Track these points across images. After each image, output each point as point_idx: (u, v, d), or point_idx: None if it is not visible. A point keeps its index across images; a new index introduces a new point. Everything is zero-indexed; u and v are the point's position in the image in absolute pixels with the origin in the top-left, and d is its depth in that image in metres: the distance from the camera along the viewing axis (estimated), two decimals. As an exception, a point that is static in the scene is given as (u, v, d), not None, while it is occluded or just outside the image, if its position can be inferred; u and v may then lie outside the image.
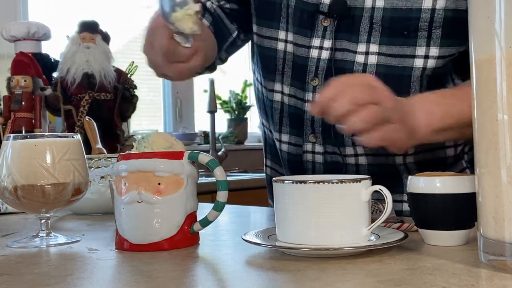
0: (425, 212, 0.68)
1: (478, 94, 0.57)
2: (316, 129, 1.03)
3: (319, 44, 1.01)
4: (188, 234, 0.71)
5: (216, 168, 0.70)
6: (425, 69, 0.97)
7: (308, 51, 1.02)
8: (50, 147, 0.77)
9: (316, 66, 1.01)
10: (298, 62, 1.03)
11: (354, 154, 1.02)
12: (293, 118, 1.07)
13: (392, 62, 0.97)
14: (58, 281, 0.56)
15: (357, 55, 0.98)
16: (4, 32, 1.81)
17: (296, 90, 1.05)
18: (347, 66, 0.99)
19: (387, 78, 0.94)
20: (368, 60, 0.98)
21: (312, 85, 1.02)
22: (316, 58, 1.01)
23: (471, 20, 0.57)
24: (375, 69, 0.97)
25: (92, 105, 1.67)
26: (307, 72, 1.02)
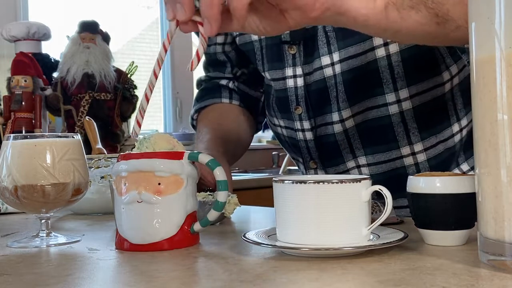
0: (425, 212, 0.68)
1: (478, 94, 0.57)
2: (312, 154, 1.07)
3: (292, 73, 1.03)
4: (188, 234, 0.71)
5: (216, 168, 0.70)
6: (390, 56, 0.96)
7: (285, 82, 1.04)
8: (50, 147, 0.77)
9: (295, 94, 1.04)
10: (280, 95, 1.06)
11: (356, 165, 1.03)
12: (292, 147, 1.11)
13: (354, 64, 0.97)
14: (58, 281, 0.56)
15: (324, 70, 0.99)
16: (4, 32, 1.81)
17: (287, 121, 1.08)
18: (320, 85, 1.00)
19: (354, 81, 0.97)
20: (335, 70, 0.98)
21: (297, 114, 1.05)
22: (293, 87, 1.03)
23: (471, 20, 0.57)
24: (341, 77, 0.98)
25: (92, 105, 1.67)
26: (289, 102, 1.05)
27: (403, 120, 0.99)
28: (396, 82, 0.97)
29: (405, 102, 0.98)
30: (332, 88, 1.00)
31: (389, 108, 0.99)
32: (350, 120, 1.01)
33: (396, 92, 0.98)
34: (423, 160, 1.03)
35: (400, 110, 0.99)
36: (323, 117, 1.03)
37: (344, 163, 1.04)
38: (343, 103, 1.00)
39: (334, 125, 1.02)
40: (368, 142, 1.02)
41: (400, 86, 0.98)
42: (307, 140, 1.06)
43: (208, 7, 0.64)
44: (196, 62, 0.69)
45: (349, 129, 1.01)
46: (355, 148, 1.03)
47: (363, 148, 1.02)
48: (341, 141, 1.03)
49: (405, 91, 0.98)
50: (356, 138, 1.02)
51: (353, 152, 1.03)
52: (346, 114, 1.00)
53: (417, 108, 0.99)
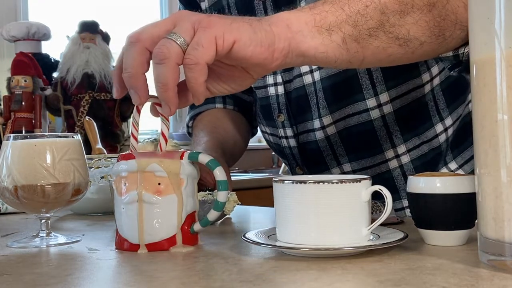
0: (425, 212, 0.68)
1: (478, 94, 0.57)
2: (298, 161, 1.08)
3: (273, 81, 1.04)
4: (188, 234, 0.71)
5: (216, 168, 0.70)
6: None
7: (266, 90, 1.06)
8: (50, 147, 0.77)
9: (277, 102, 1.05)
10: (263, 103, 1.08)
11: (342, 172, 1.04)
12: (279, 154, 1.13)
13: (333, 70, 0.97)
14: (58, 281, 0.56)
15: (304, 77, 1.00)
16: (4, 32, 1.81)
17: (272, 128, 1.10)
18: (300, 92, 1.01)
19: (334, 87, 0.98)
20: (314, 77, 0.99)
21: (279, 122, 1.06)
22: (274, 95, 1.05)
23: (471, 20, 0.57)
24: (321, 84, 0.98)
25: (92, 105, 1.67)
26: (272, 110, 1.06)
27: (385, 124, 0.99)
28: (375, 87, 0.97)
29: (386, 106, 0.98)
30: (312, 95, 1.00)
31: (370, 113, 0.98)
32: (332, 127, 1.01)
33: (376, 97, 0.98)
34: (407, 162, 1.02)
35: (382, 115, 0.98)
36: (305, 124, 1.03)
37: (329, 170, 1.04)
38: (323, 110, 1.00)
39: (316, 132, 1.02)
40: (351, 148, 1.02)
41: (380, 91, 0.97)
42: (291, 147, 1.07)
43: (163, 91, 0.63)
44: (164, 144, 0.71)
45: (331, 136, 1.02)
46: (339, 155, 1.03)
47: (347, 155, 1.02)
48: (323, 147, 1.03)
49: (385, 95, 0.98)
50: (339, 145, 1.02)
51: (337, 159, 1.03)
52: (327, 121, 1.00)
53: (398, 111, 0.98)
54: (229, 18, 0.65)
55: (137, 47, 0.63)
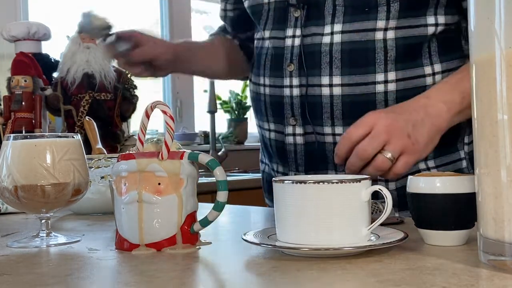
0: (425, 212, 0.68)
1: (478, 94, 0.57)
2: (295, 111, 1.10)
3: (292, 34, 1.10)
4: (188, 234, 0.71)
5: (216, 168, 0.70)
6: (386, 40, 1.03)
7: (284, 41, 1.11)
8: (50, 147, 0.77)
9: (291, 53, 1.10)
10: (277, 53, 1.13)
11: (332, 133, 1.07)
12: (274, 106, 1.15)
13: (355, 38, 1.04)
14: (58, 281, 0.56)
15: (323, 37, 1.05)
16: (4, 32, 1.81)
17: (275, 79, 1.13)
18: (316, 48, 1.06)
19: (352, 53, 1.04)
20: (334, 40, 1.05)
21: (288, 71, 1.10)
22: (290, 46, 1.10)
23: (471, 20, 0.57)
24: (340, 46, 1.04)
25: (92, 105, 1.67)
26: (284, 60, 1.11)
27: (386, 100, 1.04)
28: (387, 64, 1.04)
29: (391, 84, 1.04)
30: (325, 54, 1.05)
31: (376, 86, 1.04)
32: (338, 88, 1.05)
33: (385, 73, 1.04)
34: None
35: (385, 90, 1.04)
36: (313, 78, 1.08)
37: (322, 126, 1.08)
38: (336, 70, 1.05)
39: (322, 87, 1.07)
40: (349, 114, 1.05)
41: (390, 68, 1.04)
42: (293, 96, 1.10)
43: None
44: (166, 154, 0.71)
45: (335, 96, 1.06)
46: (335, 117, 1.06)
47: (342, 119, 1.06)
48: (325, 104, 1.07)
49: (393, 73, 1.04)
50: (338, 108, 1.06)
51: (333, 119, 1.07)
52: (337, 80, 1.05)
53: (400, 91, 1.04)
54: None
55: None
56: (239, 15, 1.31)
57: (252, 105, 1.25)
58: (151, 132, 2.44)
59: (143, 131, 0.75)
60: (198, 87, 3.48)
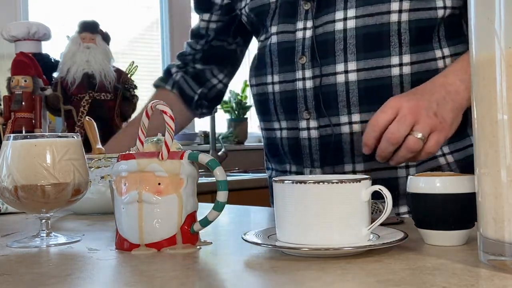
0: (425, 212, 0.68)
1: (478, 95, 0.57)
2: (309, 104, 1.09)
3: (303, 26, 1.09)
4: (188, 234, 0.71)
5: (216, 168, 0.70)
6: (400, 23, 1.03)
7: (294, 35, 1.10)
8: (50, 147, 0.77)
9: (302, 45, 1.09)
10: (286, 47, 1.11)
11: (349, 122, 1.07)
12: (285, 102, 1.13)
13: (369, 22, 1.04)
14: (58, 281, 0.56)
15: (336, 24, 1.05)
16: (4, 32, 1.81)
17: (285, 74, 1.12)
18: (329, 37, 1.06)
19: (366, 38, 1.04)
20: (347, 25, 1.04)
21: (300, 63, 1.09)
22: (301, 38, 1.09)
23: (471, 20, 0.57)
24: (354, 32, 1.04)
25: (92, 105, 1.67)
26: (295, 53, 1.10)
27: (401, 82, 1.04)
28: (402, 47, 1.04)
29: (406, 67, 1.05)
30: (339, 41, 1.05)
31: (392, 69, 1.05)
32: (354, 74, 1.05)
33: (400, 56, 1.04)
34: None
35: (400, 74, 1.05)
36: (327, 67, 1.07)
37: (338, 116, 1.07)
38: (351, 55, 1.05)
39: (337, 75, 1.06)
40: (365, 100, 1.05)
41: (404, 51, 1.04)
42: (306, 89, 1.09)
43: None
44: (166, 153, 0.71)
45: (350, 82, 1.05)
46: (352, 104, 1.06)
47: (359, 105, 1.05)
48: (340, 92, 1.06)
49: (408, 56, 1.05)
50: (355, 94, 1.05)
51: (349, 107, 1.06)
52: (352, 66, 1.05)
53: (414, 74, 1.05)
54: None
55: None
56: (223, 26, 1.33)
57: (257, 108, 1.23)
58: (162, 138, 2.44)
59: (143, 131, 0.75)
60: (198, 87, 3.47)
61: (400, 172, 1.07)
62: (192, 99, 1.38)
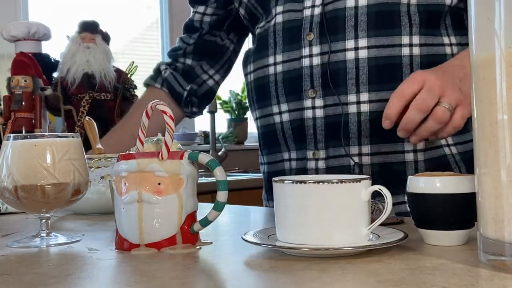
0: (425, 212, 0.68)
1: (478, 95, 0.57)
2: (315, 82, 1.07)
3: (311, 4, 1.08)
4: (188, 234, 0.71)
5: (216, 168, 0.70)
6: (409, 5, 1.04)
7: (302, 12, 1.08)
8: (50, 147, 0.77)
9: (310, 22, 1.07)
10: (292, 26, 1.09)
11: (356, 101, 1.05)
12: (289, 82, 1.11)
13: (380, 0, 1.04)
14: (58, 281, 0.56)
15: (347, 1, 1.05)
16: (4, 32, 1.81)
17: (290, 53, 1.10)
18: (339, 13, 1.05)
19: (378, 15, 1.04)
20: (359, 3, 1.04)
21: (308, 40, 1.07)
22: (309, 15, 1.07)
23: (471, 20, 0.57)
24: (366, 9, 1.04)
25: (92, 105, 1.67)
26: (302, 29, 1.08)
27: (411, 63, 1.04)
28: (412, 27, 1.04)
29: (415, 48, 1.05)
30: (350, 17, 1.04)
31: (402, 49, 1.05)
32: (364, 51, 1.05)
33: (410, 36, 1.05)
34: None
35: (411, 54, 1.04)
36: (336, 43, 1.06)
37: (346, 95, 1.05)
38: (362, 32, 1.04)
39: (347, 52, 1.05)
40: (375, 78, 1.04)
41: (414, 32, 1.05)
42: (313, 66, 1.07)
43: None
44: (166, 153, 0.71)
45: (360, 59, 1.05)
46: (361, 82, 1.05)
47: (369, 84, 1.04)
48: (350, 69, 1.05)
49: (417, 37, 1.05)
50: (364, 72, 1.04)
51: (358, 85, 1.05)
52: (362, 43, 1.04)
53: (424, 56, 1.05)
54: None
55: None
56: (217, 20, 1.32)
57: (255, 95, 1.20)
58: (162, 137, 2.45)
59: (143, 131, 0.75)
60: (198, 87, 3.47)
61: (407, 157, 1.05)
62: (181, 96, 1.35)
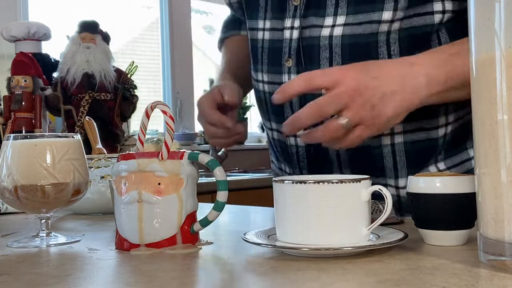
0: (425, 212, 0.68)
1: (478, 95, 0.57)
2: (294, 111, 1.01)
3: (291, 25, 1.02)
4: (188, 234, 0.71)
5: (216, 168, 0.70)
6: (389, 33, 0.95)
7: (282, 33, 1.03)
8: (50, 147, 0.77)
9: (289, 46, 1.02)
10: (274, 46, 1.05)
11: None
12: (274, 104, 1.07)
13: (357, 31, 0.95)
14: (58, 281, 0.56)
15: (322, 29, 0.98)
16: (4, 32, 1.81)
17: (274, 75, 1.06)
18: (314, 42, 0.99)
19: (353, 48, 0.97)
20: (334, 32, 0.97)
21: (287, 66, 1.03)
22: (288, 39, 1.02)
23: (471, 20, 0.57)
24: (340, 40, 0.96)
25: (92, 105, 1.67)
26: (282, 54, 1.03)
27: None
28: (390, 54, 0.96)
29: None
30: (324, 48, 0.98)
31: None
32: None
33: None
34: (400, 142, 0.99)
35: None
36: None
37: None
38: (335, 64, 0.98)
39: None
40: None
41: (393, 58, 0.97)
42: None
43: None
44: (166, 154, 0.71)
45: None
46: None
47: None
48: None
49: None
50: None
51: None
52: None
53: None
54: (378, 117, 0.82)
55: None
56: None
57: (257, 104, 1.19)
58: (151, 132, 2.45)
59: (143, 131, 0.75)
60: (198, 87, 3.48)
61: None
62: None
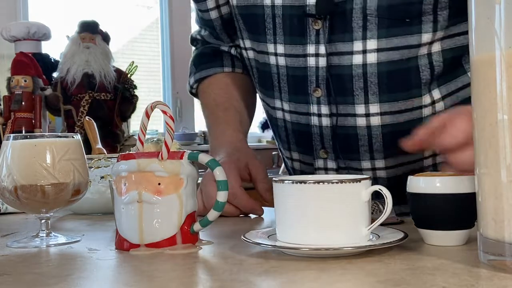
0: (425, 212, 0.68)
1: (478, 95, 0.57)
2: (325, 143, 0.97)
3: (315, 51, 0.93)
4: (188, 234, 0.71)
5: (216, 168, 0.70)
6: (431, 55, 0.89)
7: (305, 60, 0.94)
8: (50, 147, 0.77)
9: (316, 75, 0.93)
10: (296, 74, 0.96)
11: (372, 168, 0.96)
12: (299, 134, 1.01)
13: (394, 57, 0.88)
14: (58, 281, 0.56)
15: (354, 56, 0.90)
16: (4, 32, 1.81)
17: (297, 105, 0.98)
18: (345, 71, 0.91)
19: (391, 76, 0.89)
20: (367, 60, 0.89)
21: (315, 97, 0.95)
22: (314, 67, 0.93)
23: (471, 20, 0.57)
24: (376, 68, 0.89)
25: (92, 105, 1.67)
26: (308, 83, 0.95)
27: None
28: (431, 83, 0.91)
29: (438, 104, 0.93)
30: (358, 78, 0.91)
31: (423, 110, 0.92)
32: (377, 118, 0.92)
33: (430, 93, 0.92)
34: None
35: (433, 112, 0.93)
36: (346, 106, 0.93)
37: (359, 161, 0.96)
38: (373, 97, 0.91)
39: (357, 118, 0.93)
40: (390, 145, 0.93)
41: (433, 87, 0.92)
42: (323, 127, 0.96)
43: None
44: (166, 154, 0.70)
45: (373, 127, 0.93)
46: (375, 150, 0.95)
47: (383, 151, 0.94)
48: (361, 136, 0.94)
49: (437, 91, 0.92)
50: (378, 140, 0.94)
51: (372, 153, 0.95)
52: (374, 109, 0.92)
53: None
54: None
55: None
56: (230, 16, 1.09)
57: (270, 125, 1.11)
58: (151, 132, 2.45)
59: (143, 131, 0.75)
60: (198, 87, 3.48)
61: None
62: None
